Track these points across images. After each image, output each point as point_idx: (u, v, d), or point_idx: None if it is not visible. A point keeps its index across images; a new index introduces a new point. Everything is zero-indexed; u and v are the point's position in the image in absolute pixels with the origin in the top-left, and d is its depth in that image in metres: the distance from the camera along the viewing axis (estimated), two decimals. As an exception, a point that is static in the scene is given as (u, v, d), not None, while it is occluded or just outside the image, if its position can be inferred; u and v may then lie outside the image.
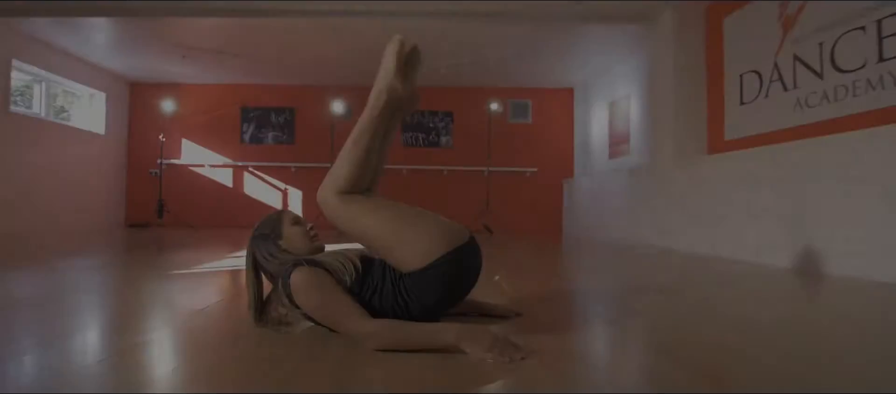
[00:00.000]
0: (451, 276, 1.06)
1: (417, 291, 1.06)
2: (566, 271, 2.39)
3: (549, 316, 1.35)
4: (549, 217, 6.56)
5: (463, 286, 1.12)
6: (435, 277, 1.05)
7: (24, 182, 4.82)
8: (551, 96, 6.65)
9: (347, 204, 1.11)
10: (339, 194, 1.11)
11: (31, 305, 1.43)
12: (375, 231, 1.08)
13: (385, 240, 1.07)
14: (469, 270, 1.11)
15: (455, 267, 1.06)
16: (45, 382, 0.81)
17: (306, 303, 1.00)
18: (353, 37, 4.70)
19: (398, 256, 1.07)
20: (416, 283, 1.06)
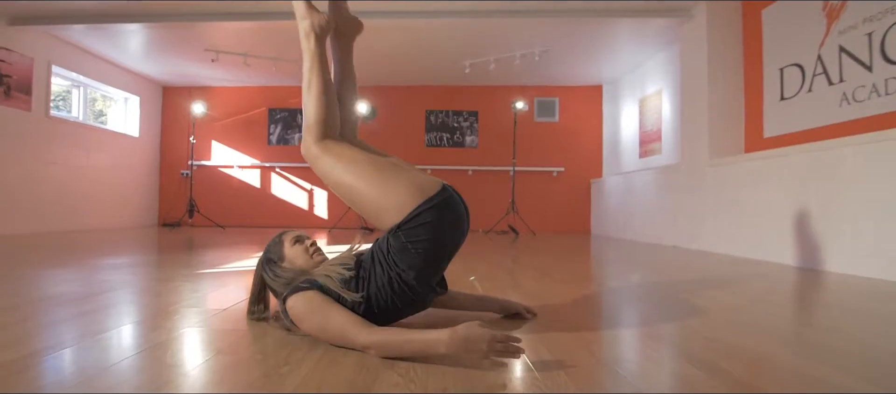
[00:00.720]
0: (432, 227, 1.03)
1: (403, 254, 1.04)
2: (594, 274, 2.34)
3: (576, 321, 1.32)
4: (577, 218, 6.45)
5: (447, 238, 1.07)
6: (415, 232, 1.03)
7: (63, 183, 5.06)
8: (579, 94, 6.54)
9: (326, 153, 1.12)
10: (317, 143, 1.13)
11: (71, 301, 1.50)
12: (353, 184, 1.09)
13: (362, 194, 1.08)
14: (451, 219, 1.07)
15: (434, 216, 1.03)
16: (83, 374, 0.85)
17: (308, 329, 1.03)
18: (374, 36, 4.74)
19: (375, 210, 1.07)
20: (400, 248, 1.04)
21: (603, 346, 1.09)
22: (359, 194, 1.09)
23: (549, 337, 1.14)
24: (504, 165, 6.43)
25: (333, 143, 1.14)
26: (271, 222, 6.64)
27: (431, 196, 1.05)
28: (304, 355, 0.97)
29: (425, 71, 5.96)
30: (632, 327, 1.31)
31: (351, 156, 1.12)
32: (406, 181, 1.07)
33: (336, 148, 1.13)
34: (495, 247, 3.84)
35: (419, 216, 1.03)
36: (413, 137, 6.63)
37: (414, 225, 1.03)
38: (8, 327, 1.17)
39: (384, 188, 1.06)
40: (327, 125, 1.14)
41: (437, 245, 1.05)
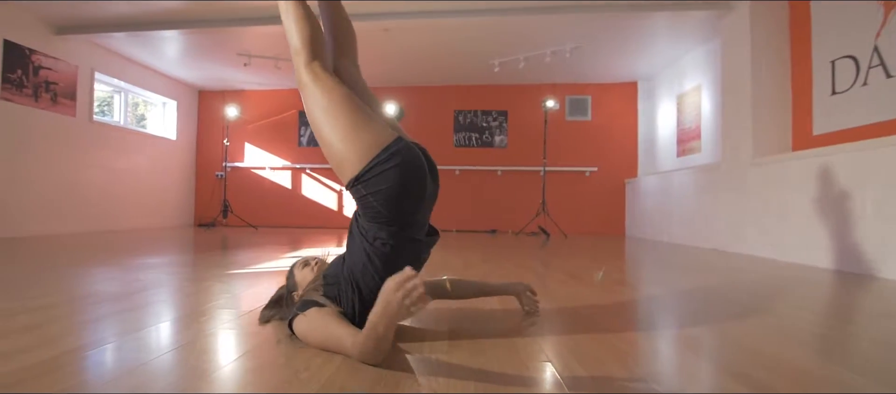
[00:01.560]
0: (388, 175, 1.01)
1: (366, 211, 1.05)
2: (629, 278, 2.27)
3: (609, 329, 1.28)
4: (611, 219, 6.30)
5: (408, 183, 1.04)
6: (373, 182, 1.02)
7: (105, 185, 5.32)
8: (612, 91, 6.38)
9: (315, 81, 1.08)
10: (307, 66, 1.09)
11: (112, 300, 1.57)
12: (325, 130, 1.07)
13: (332, 144, 1.06)
14: (407, 164, 1.03)
15: (389, 162, 1.02)
16: (122, 369, 0.89)
17: (312, 346, 1.03)
18: (403, 37, 4.77)
19: (339, 161, 1.06)
20: (362, 204, 1.05)
21: (637, 358, 1.05)
22: (328, 143, 1.08)
23: (579, 347, 1.10)
24: (534, 166, 6.35)
25: (322, 71, 1.10)
26: (301, 223, 6.78)
27: (387, 145, 1.04)
28: (324, 361, 0.97)
29: (453, 70, 5.95)
30: (668, 336, 1.25)
31: (333, 98, 1.07)
32: (370, 134, 1.05)
33: (324, 80, 1.09)
34: (525, 249, 3.79)
35: (375, 167, 1.02)
36: (441, 137, 6.63)
37: (371, 175, 1.03)
38: (45, 325, 1.23)
39: (351, 141, 1.04)
40: (314, 43, 1.11)
41: (397, 191, 1.03)
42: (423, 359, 1.01)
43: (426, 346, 1.10)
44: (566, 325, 1.33)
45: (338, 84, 1.09)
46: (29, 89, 4.38)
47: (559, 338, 1.19)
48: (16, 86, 4.26)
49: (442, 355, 1.03)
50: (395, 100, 6.55)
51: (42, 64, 4.51)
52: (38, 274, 2.08)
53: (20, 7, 4.18)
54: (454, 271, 2.39)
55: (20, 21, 4.28)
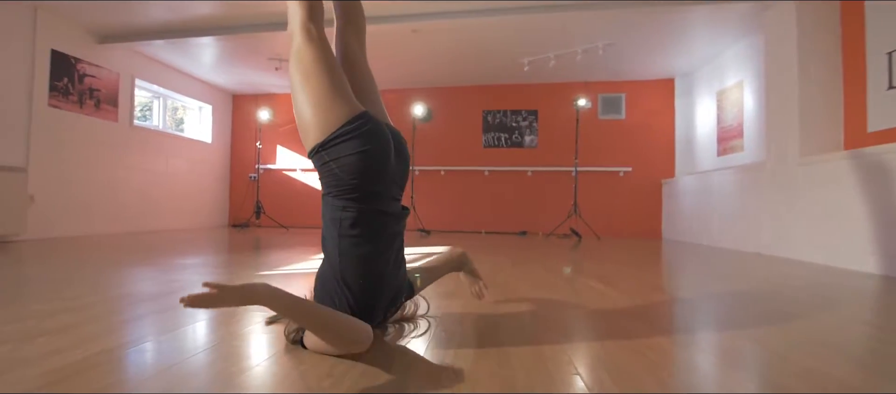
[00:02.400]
0: (351, 143, 1.03)
1: (329, 179, 1.07)
2: (665, 283, 2.18)
3: (643, 339, 1.23)
4: (646, 221, 6.12)
5: (372, 151, 1.05)
6: (336, 150, 1.04)
7: (144, 187, 5.56)
8: (648, 88, 6.20)
9: (306, 46, 1.09)
10: (303, 26, 1.10)
11: (148, 300, 1.62)
12: (299, 93, 1.08)
13: (303, 113, 1.08)
14: (371, 133, 1.06)
15: (353, 132, 1.04)
16: (153, 370, 0.91)
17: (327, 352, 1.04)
18: (431, 37, 4.77)
19: (307, 128, 1.07)
20: (325, 173, 1.07)
21: (673, 373, 1.00)
22: (300, 109, 1.09)
23: (610, 357, 1.06)
24: (565, 166, 6.24)
25: (317, 35, 1.11)
26: (331, 224, 6.88)
27: (353, 117, 1.05)
28: (347, 368, 0.97)
29: (482, 70, 5.92)
30: (704, 347, 1.19)
31: (317, 65, 1.08)
32: (340, 106, 1.06)
33: (316, 44, 1.09)
34: (555, 252, 3.71)
35: (339, 136, 1.04)
36: (470, 138, 6.61)
37: (335, 143, 1.04)
38: (82, 325, 1.28)
39: (322, 109, 1.06)
40: (314, 7, 1.12)
41: (359, 158, 1.04)
42: (448, 368, 0.99)
43: (451, 354, 1.09)
44: (597, 333, 1.29)
45: (326, 53, 1.10)
46: (74, 96, 4.62)
47: (589, 347, 1.15)
48: (62, 93, 4.50)
49: (467, 364, 1.01)
50: (423, 101, 6.57)
51: (86, 72, 4.75)
52: (79, 274, 2.18)
53: (66, 18, 4.42)
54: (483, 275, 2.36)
55: (66, 31, 4.52)
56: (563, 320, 1.44)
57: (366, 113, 1.08)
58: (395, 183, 1.15)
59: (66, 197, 4.56)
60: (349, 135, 1.04)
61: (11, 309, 1.46)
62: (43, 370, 0.93)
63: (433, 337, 1.22)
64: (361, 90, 1.22)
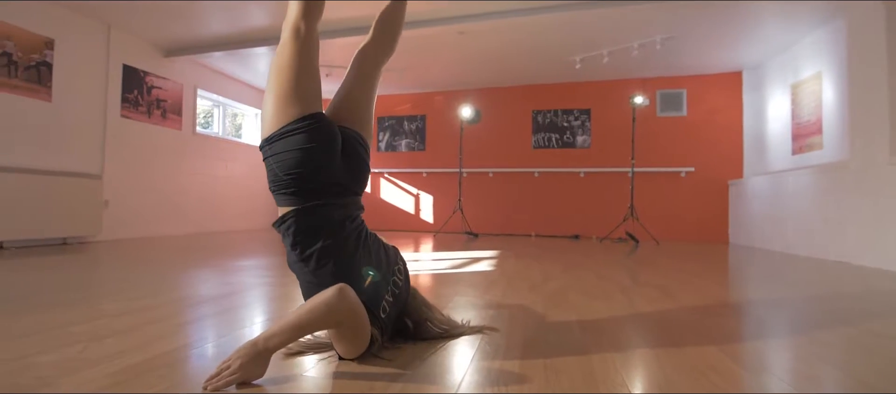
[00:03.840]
0: (293, 140, 1.08)
1: (269, 177, 1.13)
2: (733, 296, 2.04)
3: (707, 364, 1.15)
4: (711, 224, 5.78)
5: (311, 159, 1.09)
6: (279, 144, 1.09)
7: (206, 191, 5.91)
8: (712, 83, 5.87)
9: (291, 42, 1.12)
10: (294, 27, 1.13)
11: (210, 301, 1.72)
12: (270, 83, 1.12)
13: (266, 101, 1.12)
14: (314, 137, 1.09)
15: (297, 132, 1.08)
16: (209, 372, 0.95)
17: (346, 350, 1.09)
18: (478, 39, 4.76)
19: (264, 117, 1.13)
20: (268, 172, 1.13)
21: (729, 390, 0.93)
22: (266, 98, 1.13)
23: (668, 378, 1.00)
24: (621, 167, 6.03)
25: (305, 35, 1.13)
26: (379, 225, 7.03)
27: (303, 116, 1.09)
28: (393, 378, 0.97)
29: (531, 69, 5.83)
30: (781, 374, 1.10)
31: (294, 64, 1.11)
32: (297, 106, 1.10)
33: (299, 44, 1.13)
34: (610, 258, 3.58)
35: (283, 134, 1.09)
36: (519, 138, 6.53)
37: (279, 139, 1.10)
38: (146, 326, 1.37)
39: (281, 105, 1.10)
40: (306, 8, 1.14)
41: (296, 156, 1.08)
42: (492, 379, 0.97)
43: (497, 365, 1.07)
44: (653, 348, 1.22)
45: (304, 53, 1.13)
46: (143, 107, 5.00)
47: (644, 363, 1.09)
48: (133, 104, 4.88)
49: (513, 370, 0.99)
50: (470, 102, 6.56)
51: (153, 84, 5.13)
52: (146, 275, 2.34)
53: (136, 34, 4.79)
54: (531, 283, 2.32)
55: (135, 47, 4.90)
56: (616, 333, 1.38)
57: (316, 114, 1.12)
58: (339, 183, 1.16)
59: (136, 201, 4.94)
60: (292, 132, 1.08)
61: (84, 309, 1.59)
62: (109, 371, 1.00)
63: (479, 349, 1.21)
64: (349, 99, 1.28)
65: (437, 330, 1.27)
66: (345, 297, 0.97)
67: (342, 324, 1.00)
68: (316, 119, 1.11)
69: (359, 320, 1.01)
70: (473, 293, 2.01)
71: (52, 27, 4.10)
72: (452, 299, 1.86)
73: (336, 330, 1.03)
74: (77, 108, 4.33)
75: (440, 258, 3.41)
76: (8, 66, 3.76)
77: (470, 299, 1.89)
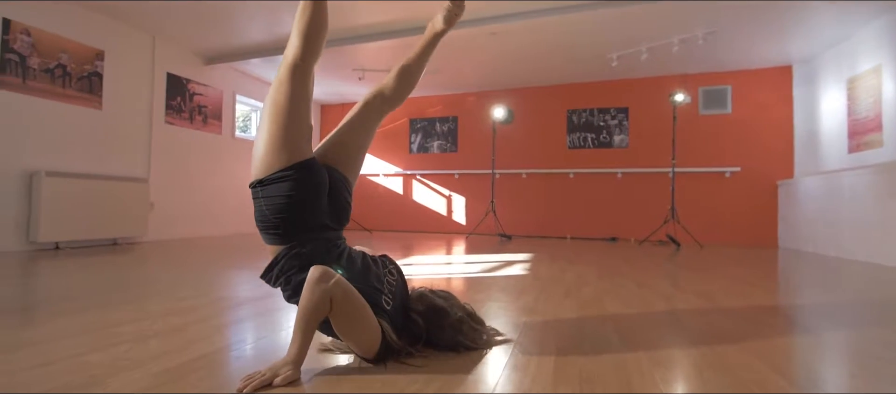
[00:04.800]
0: (285, 186, 1.14)
1: (257, 217, 1.18)
2: (783, 304, 1.94)
3: (754, 375, 1.10)
4: (759, 227, 5.53)
5: (300, 204, 1.15)
6: (271, 188, 1.14)
7: (245, 193, 6.11)
8: (759, 78, 5.61)
9: (287, 82, 1.16)
10: (290, 63, 1.16)
11: (249, 302, 1.78)
12: (264, 122, 1.16)
13: (259, 140, 1.16)
14: (303, 184, 1.15)
15: (288, 178, 1.13)
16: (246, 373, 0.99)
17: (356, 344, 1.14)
18: (510, 38, 4.73)
19: (256, 157, 1.17)
20: (257, 211, 1.18)
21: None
22: (260, 138, 1.17)
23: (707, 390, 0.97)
24: (661, 167, 5.85)
25: (301, 76, 1.17)
26: (412, 227, 7.09)
27: (293, 164, 1.14)
28: (427, 381, 0.98)
29: (565, 68, 5.74)
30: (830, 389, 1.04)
31: (290, 105, 1.15)
32: (289, 152, 1.15)
33: (296, 84, 1.16)
34: (650, 261, 3.48)
35: (274, 179, 1.14)
36: (553, 139, 6.44)
37: (270, 184, 1.15)
38: (189, 327, 1.43)
39: (274, 148, 1.14)
40: (306, 42, 1.17)
41: (286, 201, 1.14)
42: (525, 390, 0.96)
43: (529, 376, 1.06)
44: (696, 363, 1.18)
45: (300, 94, 1.16)
46: (186, 113, 5.23)
47: (686, 379, 1.05)
48: (176, 111, 5.11)
49: (546, 380, 0.97)
50: (503, 103, 6.53)
51: (195, 90, 5.35)
52: (188, 275, 2.44)
53: (179, 44, 5.01)
54: (565, 288, 2.28)
55: (179, 56, 5.13)
56: (655, 342, 1.33)
57: (306, 162, 1.17)
58: (324, 225, 1.21)
59: (180, 203, 5.16)
60: (283, 179, 1.14)
61: (131, 309, 1.67)
62: (152, 371, 1.05)
63: (511, 358, 1.20)
64: (345, 143, 1.34)
65: (461, 340, 1.24)
66: (318, 268, 1.04)
67: (336, 300, 1.03)
68: (306, 167, 1.16)
69: (350, 294, 1.05)
70: (506, 298, 1.99)
71: (103, 39, 4.34)
72: (485, 305, 1.85)
73: (340, 318, 1.05)
74: (125, 115, 4.57)
75: (472, 261, 3.40)
76: (63, 77, 4.01)
77: (502, 304, 1.88)
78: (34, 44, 3.80)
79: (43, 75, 3.86)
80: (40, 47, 3.84)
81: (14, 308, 1.67)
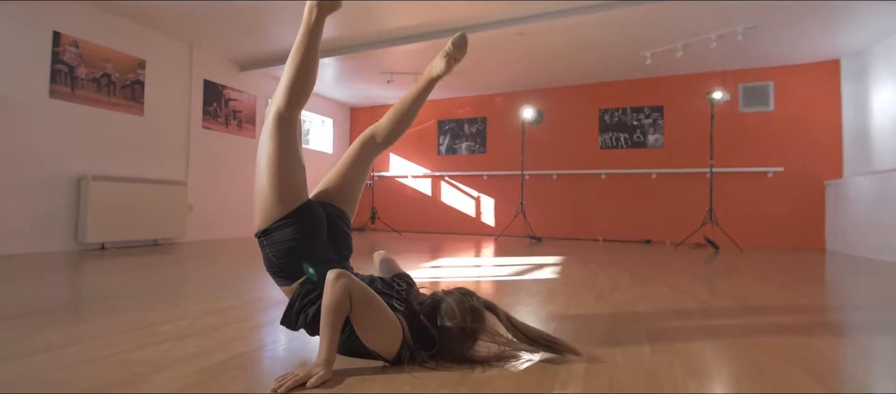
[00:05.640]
0: (288, 232, 1.24)
1: (266, 262, 1.29)
2: (832, 313, 1.86)
3: (806, 383, 1.06)
4: (804, 229, 5.30)
5: (303, 246, 1.25)
6: (275, 235, 1.25)
7: (278, 197, 6.29)
8: (804, 73, 5.38)
9: (274, 133, 1.25)
10: (276, 113, 1.25)
11: (283, 303, 1.84)
12: (261, 172, 1.25)
13: (258, 188, 1.26)
14: (303, 228, 1.25)
15: (288, 224, 1.24)
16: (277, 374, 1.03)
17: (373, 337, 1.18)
18: (539, 38, 4.69)
19: (258, 206, 1.27)
20: (264, 257, 1.29)
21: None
22: (259, 186, 1.26)
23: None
24: (698, 167, 5.68)
25: (286, 127, 1.25)
26: (440, 228, 7.12)
27: (291, 212, 1.24)
28: (461, 378, 0.99)
29: (597, 67, 5.66)
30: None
31: (280, 155, 1.24)
32: (285, 203, 1.24)
33: (282, 135, 1.25)
34: (685, 265, 3.39)
35: (276, 227, 1.25)
36: (585, 139, 6.35)
37: (273, 231, 1.25)
38: (223, 328, 1.48)
39: (272, 199, 1.24)
40: (291, 96, 1.24)
41: (290, 246, 1.24)
42: None
43: (557, 388, 1.05)
44: (734, 377, 1.15)
45: (288, 143, 1.26)
46: (221, 118, 5.42)
47: (722, 382, 1.03)
48: (212, 116, 5.30)
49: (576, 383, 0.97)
50: (532, 103, 6.48)
51: (230, 96, 5.54)
52: (225, 277, 2.53)
53: (215, 51, 5.21)
54: (598, 292, 2.25)
55: (215, 63, 5.33)
56: (691, 353, 1.30)
57: (302, 208, 1.26)
58: (328, 260, 1.30)
59: (217, 205, 5.36)
60: (283, 226, 1.24)
61: (171, 309, 1.75)
62: (191, 370, 1.10)
63: (537, 368, 1.19)
64: (343, 182, 1.47)
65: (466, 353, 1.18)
66: (334, 271, 1.09)
67: (354, 294, 1.08)
68: (304, 211, 1.26)
69: (367, 289, 1.10)
70: (535, 303, 1.98)
71: (144, 49, 4.55)
72: (513, 309, 1.85)
73: (360, 313, 1.09)
74: (165, 121, 4.78)
75: (501, 264, 3.39)
76: (108, 85, 4.23)
77: (531, 308, 1.87)
78: (82, 55, 4.02)
79: (89, 84, 4.08)
80: (87, 58, 4.06)
81: (65, 306, 1.78)
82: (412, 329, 1.18)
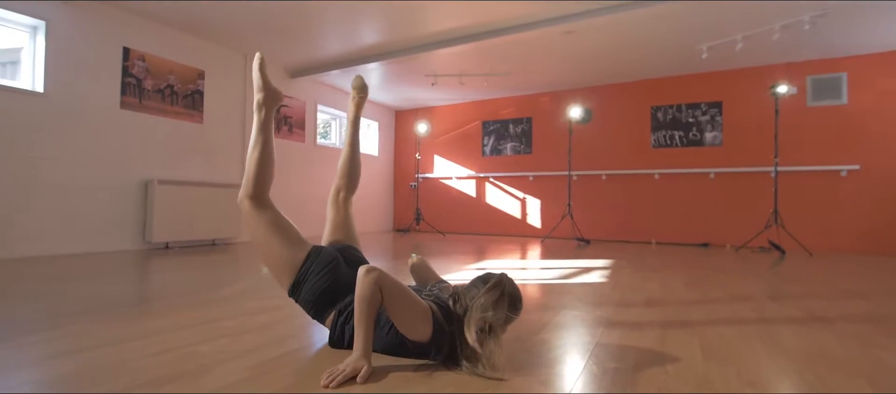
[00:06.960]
0: (311, 277, 1.34)
1: (305, 309, 1.37)
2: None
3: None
4: (883, 232, 4.91)
5: (327, 277, 1.35)
6: (305, 288, 1.34)
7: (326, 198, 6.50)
8: (881, 63, 4.99)
9: (252, 212, 1.37)
10: (246, 198, 1.38)
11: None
12: (258, 248, 1.38)
13: (264, 258, 1.39)
14: (321, 267, 1.36)
15: (309, 269, 1.35)
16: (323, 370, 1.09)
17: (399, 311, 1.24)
18: (587, 36, 4.61)
19: (275, 271, 1.38)
20: (304, 307, 1.37)
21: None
22: (268, 256, 1.37)
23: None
24: (761, 166, 5.39)
25: (256, 208, 1.38)
26: (485, 229, 7.12)
27: (302, 262, 1.36)
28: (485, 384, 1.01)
29: (648, 63, 5.48)
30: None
31: (263, 230, 1.37)
32: (288, 263, 1.36)
33: (256, 215, 1.37)
34: (746, 271, 3.23)
35: (300, 280, 1.36)
36: (636, 137, 6.17)
37: (301, 284, 1.35)
38: (276, 325, 1.57)
39: (280, 268, 1.36)
40: (257, 184, 1.38)
41: (318, 286, 1.33)
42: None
43: (603, 391, 1.05)
44: (794, 382, 1.10)
45: (269, 216, 1.37)
46: (274, 124, 5.68)
47: None
48: (265, 121, 5.57)
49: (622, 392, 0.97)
50: (580, 102, 6.37)
51: (281, 102, 5.79)
52: (277, 278, 2.66)
53: (268, 59, 5.46)
54: (649, 297, 2.20)
55: (268, 71, 5.59)
56: (748, 365, 1.26)
57: (312, 249, 1.39)
58: (348, 284, 1.36)
59: (268, 209, 5.62)
60: (307, 268, 1.36)
61: (231, 306, 1.87)
62: (248, 364, 1.18)
63: (584, 373, 1.19)
64: (340, 228, 1.65)
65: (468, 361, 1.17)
66: (364, 267, 1.16)
67: (384, 285, 1.14)
68: (316, 251, 1.39)
69: (395, 280, 1.16)
70: (582, 307, 1.96)
71: (203, 60, 4.85)
72: (559, 314, 1.84)
73: (392, 302, 1.15)
74: (222, 127, 5.07)
75: (547, 267, 3.37)
76: (171, 95, 4.54)
77: (578, 313, 1.86)
78: (148, 68, 4.34)
79: (155, 95, 4.40)
80: (153, 70, 4.38)
81: (137, 301, 1.94)
82: (442, 311, 1.23)
